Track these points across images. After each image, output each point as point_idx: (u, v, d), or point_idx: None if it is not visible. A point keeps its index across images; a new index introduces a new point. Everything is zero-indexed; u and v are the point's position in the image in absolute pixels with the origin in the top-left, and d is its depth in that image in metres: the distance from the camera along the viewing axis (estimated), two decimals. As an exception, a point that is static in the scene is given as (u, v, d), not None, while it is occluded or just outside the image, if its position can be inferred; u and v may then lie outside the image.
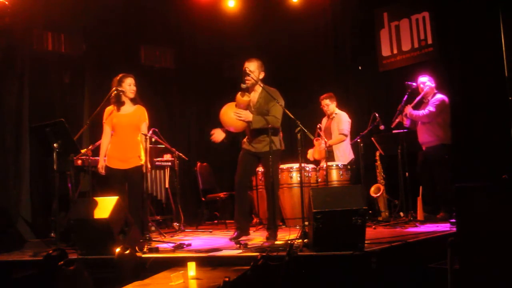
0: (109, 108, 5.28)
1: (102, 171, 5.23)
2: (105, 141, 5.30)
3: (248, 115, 4.95)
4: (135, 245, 4.36)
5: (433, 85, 6.39)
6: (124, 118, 5.23)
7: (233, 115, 4.95)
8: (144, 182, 5.17)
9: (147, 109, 5.38)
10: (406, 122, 6.41)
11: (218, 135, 5.17)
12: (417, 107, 6.43)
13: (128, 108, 5.29)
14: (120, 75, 5.27)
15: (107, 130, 5.30)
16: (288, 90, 7.07)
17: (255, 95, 5.09)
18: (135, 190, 5.17)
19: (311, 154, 6.72)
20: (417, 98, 6.39)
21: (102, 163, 5.24)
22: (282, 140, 5.18)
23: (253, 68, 5.01)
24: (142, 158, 5.22)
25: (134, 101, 5.31)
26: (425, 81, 6.40)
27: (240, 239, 4.96)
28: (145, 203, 5.33)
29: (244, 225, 5.18)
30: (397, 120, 6.37)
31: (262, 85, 5.02)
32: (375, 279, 3.60)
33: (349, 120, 6.68)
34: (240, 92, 4.99)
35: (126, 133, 5.20)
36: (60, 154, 4.78)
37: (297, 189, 6.12)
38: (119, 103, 5.23)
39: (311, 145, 6.64)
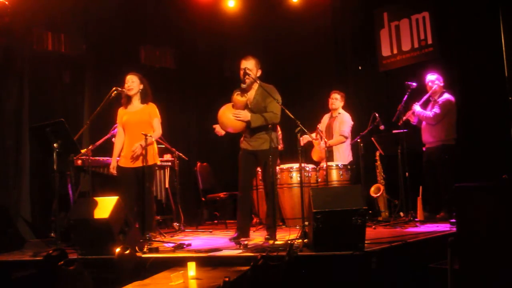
0: (121, 109, 5.33)
1: (113, 171, 5.24)
2: (118, 142, 5.32)
3: (246, 115, 4.94)
4: (135, 245, 4.36)
5: (442, 84, 6.33)
6: (133, 116, 5.25)
7: (232, 116, 4.94)
8: (147, 181, 5.17)
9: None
10: (414, 120, 6.40)
11: (219, 129, 5.18)
12: (424, 105, 6.40)
13: (137, 105, 5.30)
14: None
15: (120, 131, 5.34)
16: (288, 90, 7.08)
17: (251, 93, 5.07)
18: (146, 188, 5.13)
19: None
20: (425, 97, 6.34)
21: (114, 163, 5.25)
22: (280, 138, 5.17)
23: (251, 66, 5.01)
24: (156, 157, 5.22)
25: (143, 98, 5.30)
26: (433, 80, 6.33)
27: (240, 240, 4.95)
28: (151, 203, 5.33)
29: (245, 227, 5.15)
30: (404, 117, 6.28)
31: (259, 82, 5.01)
32: (375, 279, 3.60)
33: (352, 123, 6.66)
34: (236, 92, 4.98)
35: (136, 130, 5.18)
36: (60, 154, 4.78)
37: (297, 189, 6.11)
38: (125, 101, 5.25)
39: (311, 145, 6.64)
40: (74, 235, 4.56)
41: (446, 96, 6.28)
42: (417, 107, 6.33)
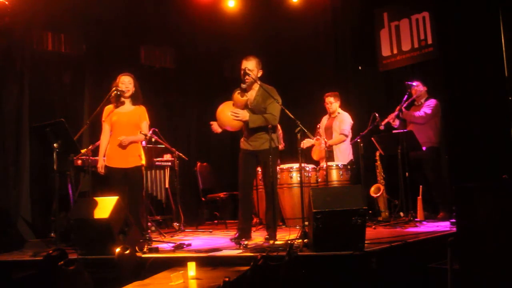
0: (109, 107, 5.28)
1: (101, 170, 5.22)
2: (104, 140, 5.29)
3: (245, 115, 4.92)
4: (135, 245, 4.36)
5: (425, 88, 6.52)
6: (123, 116, 5.22)
7: (230, 114, 4.93)
8: (144, 182, 5.16)
9: (147, 109, 5.38)
10: (396, 123, 6.43)
11: (216, 126, 5.14)
12: (407, 109, 6.50)
13: (128, 107, 5.28)
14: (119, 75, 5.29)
15: (106, 129, 5.28)
16: (288, 90, 7.09)
17: (252, 93, 5.05)
18: (135, 190, 5.16)
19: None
20: (409, 100, 6.46)
21: (102, 162, 5.22)
22: (281, 138, 5.14)
23: (251, 66, 4.98)
24: (143, 158, 5.22)
25: (135, 100, 5.29)
26: (418, 84, 6.52)
27: (241, 240, 4.94)
28: (144, 203, 5.32)
29: (247, 227, 5.11)
30: (385, 120, 6.39)
31: (260, 83, 5.00)
32: (375, 279, 3.60)
33: (352, 122, 6.66)
34: (237, 91, 4.97)
35: (125, 132, 5.17)
36: (60, 154, 4.78)
37: (297, 189, 6.11)
38: (118, 102, 5.24)
39: (311, 145, 6.64)
40: (74, 235, 4.56)
41: (432, 100, 6.43)
42: (403, 109, 6.39)
